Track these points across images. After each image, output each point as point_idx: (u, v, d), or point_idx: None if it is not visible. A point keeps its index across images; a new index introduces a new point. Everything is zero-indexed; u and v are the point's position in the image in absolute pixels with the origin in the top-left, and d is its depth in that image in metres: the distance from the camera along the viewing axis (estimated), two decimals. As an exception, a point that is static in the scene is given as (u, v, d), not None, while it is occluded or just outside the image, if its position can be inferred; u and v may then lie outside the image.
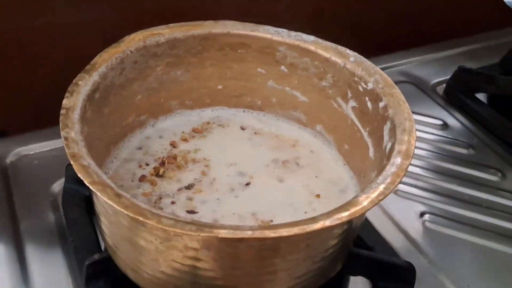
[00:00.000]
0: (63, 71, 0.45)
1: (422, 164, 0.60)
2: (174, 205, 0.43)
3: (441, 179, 0.58)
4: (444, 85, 0.71)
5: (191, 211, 0.42)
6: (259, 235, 0.32)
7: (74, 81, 0.41)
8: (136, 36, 0.46)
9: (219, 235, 0.32)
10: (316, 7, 0.77)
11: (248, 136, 0.50)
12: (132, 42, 0.45)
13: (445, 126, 0.66)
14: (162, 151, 0.47)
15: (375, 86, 0.44)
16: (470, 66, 0.70)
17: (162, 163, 0.46)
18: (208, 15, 0.50)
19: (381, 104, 0.43)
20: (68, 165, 0.49)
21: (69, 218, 0.48)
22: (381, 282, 0.45)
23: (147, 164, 0.46)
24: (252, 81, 0.51)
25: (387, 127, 0.42)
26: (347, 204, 0.35)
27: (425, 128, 0.65)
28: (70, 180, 0.50)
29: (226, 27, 0.48)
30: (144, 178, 0.45)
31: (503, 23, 0.79)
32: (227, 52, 0.49)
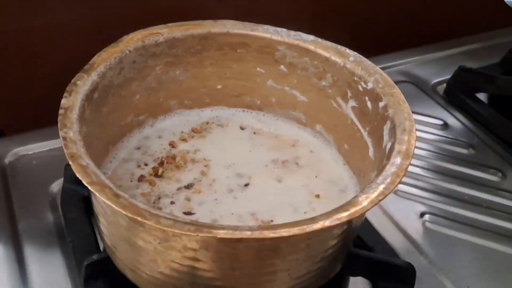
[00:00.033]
0: (62, 71, 0.45)
1: (422, 164, 0.60)
2: (173, 205, 0.43)
3: (441, 179, 0.58)
4: (444, 85, 0.71)
5: (188, 212, 0.42)
6: (258, 235, 0.32)
7: (72, 81, 0.41)
8: (135, 35, 0.46)
9: (218, 236, 0.32)
10: (316, 7, 0.77)
11: (247, 136, 0.50)
12: (130, 42, 0.45)
13: (445, 126, 0.65)
14: (161, 151, 0.47)
15: (375, 85, 0.44)
16: (470, 66, 0.69)
17: (161, 163, 0.46)
18: (207, 14, 0.50)
19: (381, 104, 0.43)
20: (67, 165, 0.49)
21: (67, 218, 0.48)
22: (381, 282, 0.45)
23: (146, 164, 0.46)
24: (251, 80, 0.50)
25: (387, 127, 0.42)
26: (347, 204, 0.35)
27: (425, 128, 0.65)
28: (69, 180, 0.49)
29: (225, 27, 0.48)
30: (143, 178, 0.44)
31: (503, 23, 0.79)
32: (226, 51, 0.49)
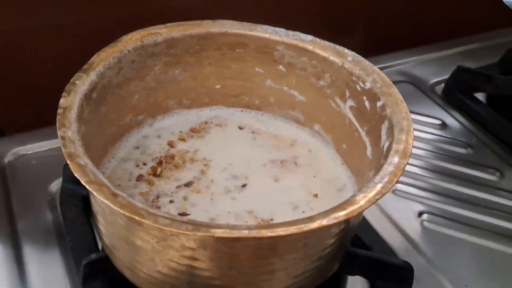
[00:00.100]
0: (61, 71, 0.45)
1: (420, 163, 0.60)
2: (172, 204, 0.43)
3: (439, 178, 0.58)
4: (443, 84, 0.71)
5: (183, 213, 0.42)
6: (255, 234, 0.32)
7: (71, 80, 0.41)
8: (134, 35, 0.46)
9: (216, 235, 0.32)
10: (315, 7, 0.77)
11: (246, 135, 0.50)
12: (129, 42, 0.45)
13: (443, 125, 0.66)
14: (160, 150, 0.47)
15: (373, 85, 0.44)
16: (469, 65, 0.70)
17: (159, 163, 0.46)
18: (206, 14, 0.50)
19: (379, 104, 0.43)
20: (66, 164, 0.49)
21: (66, 217, 0.48)
22: (379, 281, 0.45)
23: (144, 164, 0.46)
24: (250, 80, 0.50)
25: (384, 126, 0.42)
26: (344, 203, 0.35)
27: (423, 127, 0.65)
28: (68, 179, 0.50)
29: (224, 27, 0.48)
30: (141, 178, 0.45)
31: (502, 23, 0.79)
32: (225, 51, 0.49)
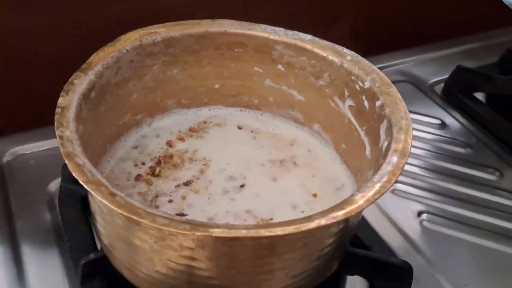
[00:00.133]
0: (60, 70, 0.45)
1: (420, 163, 0.60)
2: (171, 203, 0.43)
3: (439, 178, 0.58)
4: (442, 84, 0.71)
5: (180, 213, 0.42)
6: (253, 234, 0.32)
7: (69, 80, 0.41)
8: (132, 35, 0.46)
9: (214, 234, 0.32)
10: (314, 7, 0.77)
11: (245, 135, 0.50)
12: (128, 41, 0.45)
13: (443, 125, 0.66)
14: (158, 150, 0.47)
15: (372, 85, 0.44)
16: (468, 65, 0.70)
17: (158, 162, 0.46)
18: (205, 14, 0.50)
19: (377, 103, 0.43)
20: (65, 164, 0.48)
21: (65, 217, 0.48)
22: (378, 281, 0.45)
23: (143, 164, 0.46)
24: (249, 80, 0.50)
25: (383, 126, 0.42)
26: (343, 203, 0.35)
27: (423, 127, 0.65)
28: (67, 179, 0.49)
29: (222, 26, 0.48)
30: (140, 178, 0.45)
31: (501, 23, 0.79)
32: (224, 51, 0.49)
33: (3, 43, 0.62)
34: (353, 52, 0.47)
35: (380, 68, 0.45)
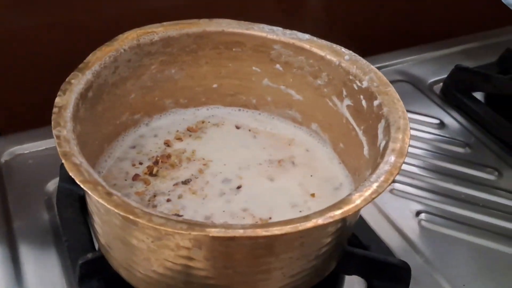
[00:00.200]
0: (58, 70, 0.45)
1: (418, 163, 0.60)
2: (169, 202, 0.43)
3: (437, 178, 0.58)
4: (441, 84, 0.71)
5: (176, 214, 0.42)
6: (250, 233, 0.32)
7: (67, 79, 0.41)
8: (130, 34, 0.46)
9: (210, 234, 0.32)
10: (313, 6, 0.76)
11: (243, 135, 0.50)
12: (125, 41, 0.45)
13: (441, 125, 0.65)
14: (156, 150, 0.47)
15: (369, 84, 0.44)
16: (467, 65, 0.70)
17: (155, 162, 0.46)
18: (203, 13, 0.50)
19: (375, 103, 0.43)
20: (63, 164, 0.49)
21: (63, 217, 0.48)
22: (376, 281, 0.45)
23: (140, 163, 0.46)
24: (247, 79, 0.50)
25: (381, 125, 0.42)
26: (340, 202, 0.35)
27: (421, 127, 0.65)
28: (65, 179, 0.49)
29: (220, 26, 0.48)
30: (137, 177, 0.44)
31: (500, 22, 0.79)
32: (222, 50, 0.49)
33: (2, 43, 0.62)
34: (351, 52, 0.46)
35: (379, 68, 0.45)
